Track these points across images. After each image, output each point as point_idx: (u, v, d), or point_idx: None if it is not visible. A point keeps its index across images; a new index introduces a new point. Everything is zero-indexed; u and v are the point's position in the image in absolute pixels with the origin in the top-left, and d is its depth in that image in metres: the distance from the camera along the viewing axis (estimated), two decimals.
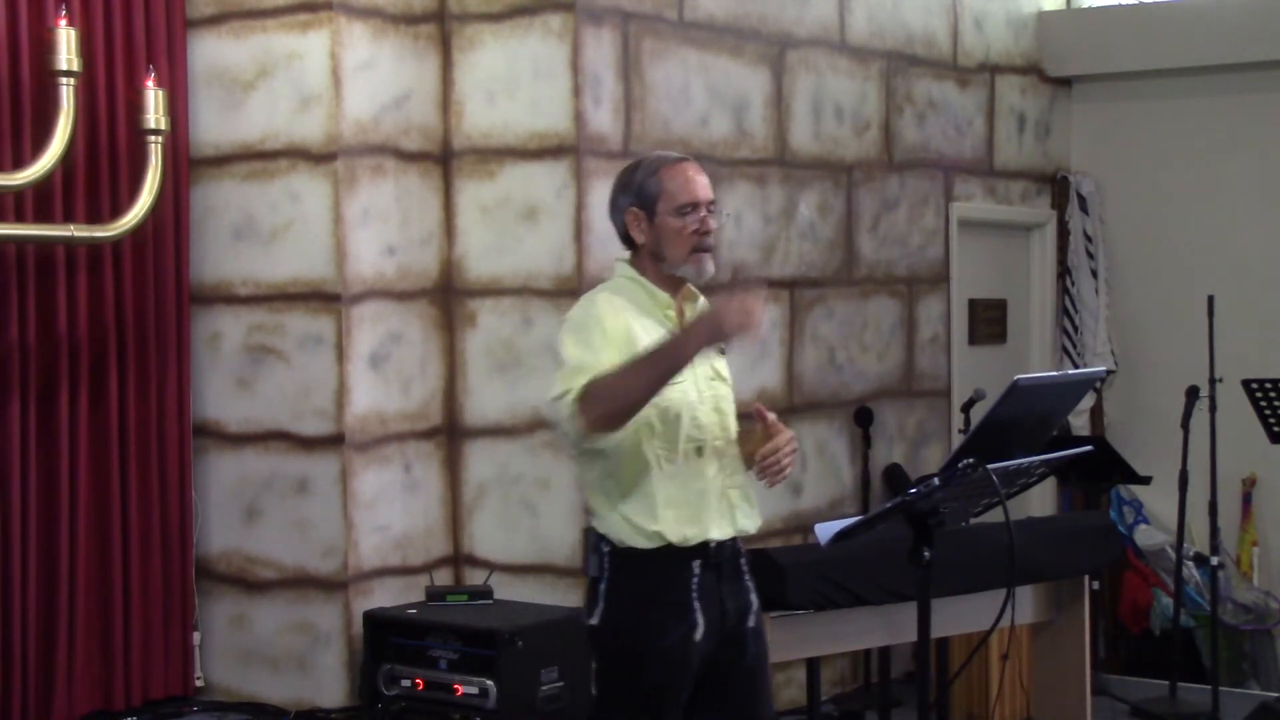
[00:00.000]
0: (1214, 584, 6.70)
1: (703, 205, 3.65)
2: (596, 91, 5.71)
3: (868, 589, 4.99)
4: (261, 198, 5.78)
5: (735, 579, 3.72)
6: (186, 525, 5.81)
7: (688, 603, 3.60)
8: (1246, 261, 7.74)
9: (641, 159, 3.76)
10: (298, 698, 5.73)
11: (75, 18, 5.34)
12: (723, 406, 3.71)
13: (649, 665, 3.61)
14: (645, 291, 3.66)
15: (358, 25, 5.66)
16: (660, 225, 3.64)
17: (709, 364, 3.70)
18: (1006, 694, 6.17)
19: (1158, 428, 7.31)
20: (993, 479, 3.42)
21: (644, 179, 3.66)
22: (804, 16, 6.60)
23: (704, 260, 3.65)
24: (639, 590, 3.62)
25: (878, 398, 6.91)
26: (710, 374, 3.70)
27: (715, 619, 3.64)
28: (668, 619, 3.60)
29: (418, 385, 5.86)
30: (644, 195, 3.65)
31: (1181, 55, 7.84)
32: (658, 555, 3.59)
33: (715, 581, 3.65)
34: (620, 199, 3.70)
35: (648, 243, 3.66)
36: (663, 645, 3.60)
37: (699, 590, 3.61)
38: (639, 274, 3.68)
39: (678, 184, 3.64)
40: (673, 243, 3.63)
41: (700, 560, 3.62)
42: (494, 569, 5.82)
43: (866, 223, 6.96)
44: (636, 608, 3.63)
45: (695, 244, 3.63)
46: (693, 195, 3.64)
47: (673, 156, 3.73)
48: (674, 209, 3.63)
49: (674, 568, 3.60)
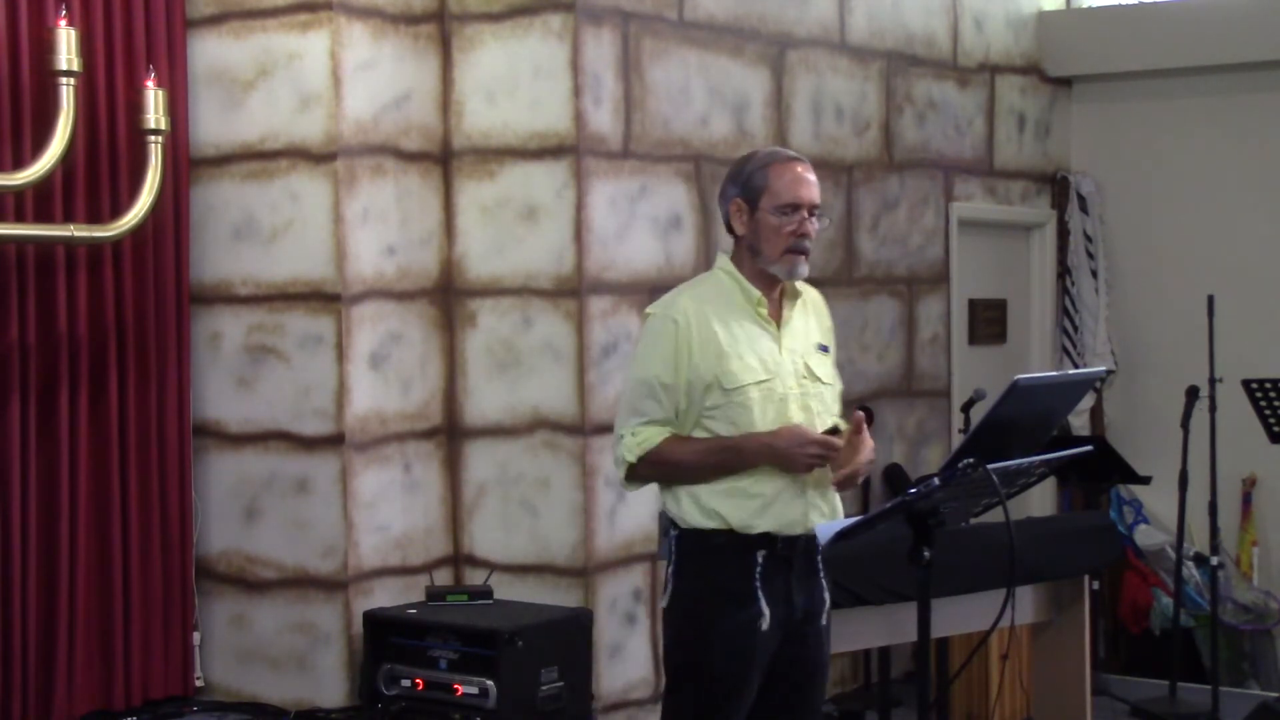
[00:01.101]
0: (1214, 584, 6.70)
1: (805, 208, 3.71)
2: (596, 91, 5.71)
3: (868, 589, 4.99)
4: (261, 198, 5.78)
5: (808, 575, 3.73)
6: (186, 525, 5.81)
7: (751, 590, 3.63)
8: (1246, 261, 7.74)
9: (757, 151, 3.83)
10: (298, 698, 5.73)
11: (75, 18, 5.34)
12: (811, 405, 3.72)
13: (712, 647, 3.65)
14: (739, 287, 3.72)
15: (358, 25, 5.66)
16: (760, 220, 3.70)
17: (803, 362, 3.73)
18: (1006, 694, 6.17)
19: (1158, 428, 7.31)
20: (993, 479, 3.42)
21: (753, 171, 3.72)
22: (804, 16, 6.60)
23: (797, 262, 3.71)
24: (704, 574, 3.67)
25: (878, 398, 6.91)
26: (803, 372, 3.73)
27: (782, 613, 3.66)
28: (730, 604, 3.64)
29: (418, 385, 5.86)
30: (750, 188, 3.71)
31: (1181, 55, 7.84)
32: (722, 540, 3.63)
33: (784, 575, 3.67)
34: (729, 188, 3.77)
35: (746, 235, 3.73)
36: (725, 629, 3.63)
37: (762, 580, 3.64)
38: (736, 268, 3.74)
39: (784, 183, 3.70)
40: (769, 239, 3.69)
41: (765, 551, 3.64)
42: (494, 569, 5.82)
43: (866, 223, 6.96)
44: (701, 591, 3.68)
45: (790, 244, 3.69)
46: (796, 196, 3.70)
47: (786, 154, 3.78)
48: (775, 207, 3.69)
49: (737, 555, 3.64)
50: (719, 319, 3.67)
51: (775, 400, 3.66)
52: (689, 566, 3.70)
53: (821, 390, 3.76)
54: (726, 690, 3.66)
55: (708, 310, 3.68)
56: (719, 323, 3.66)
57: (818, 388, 3.75)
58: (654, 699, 5.86)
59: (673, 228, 5.98)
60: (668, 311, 3.70)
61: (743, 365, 3.65)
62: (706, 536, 3.66)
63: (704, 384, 3.65)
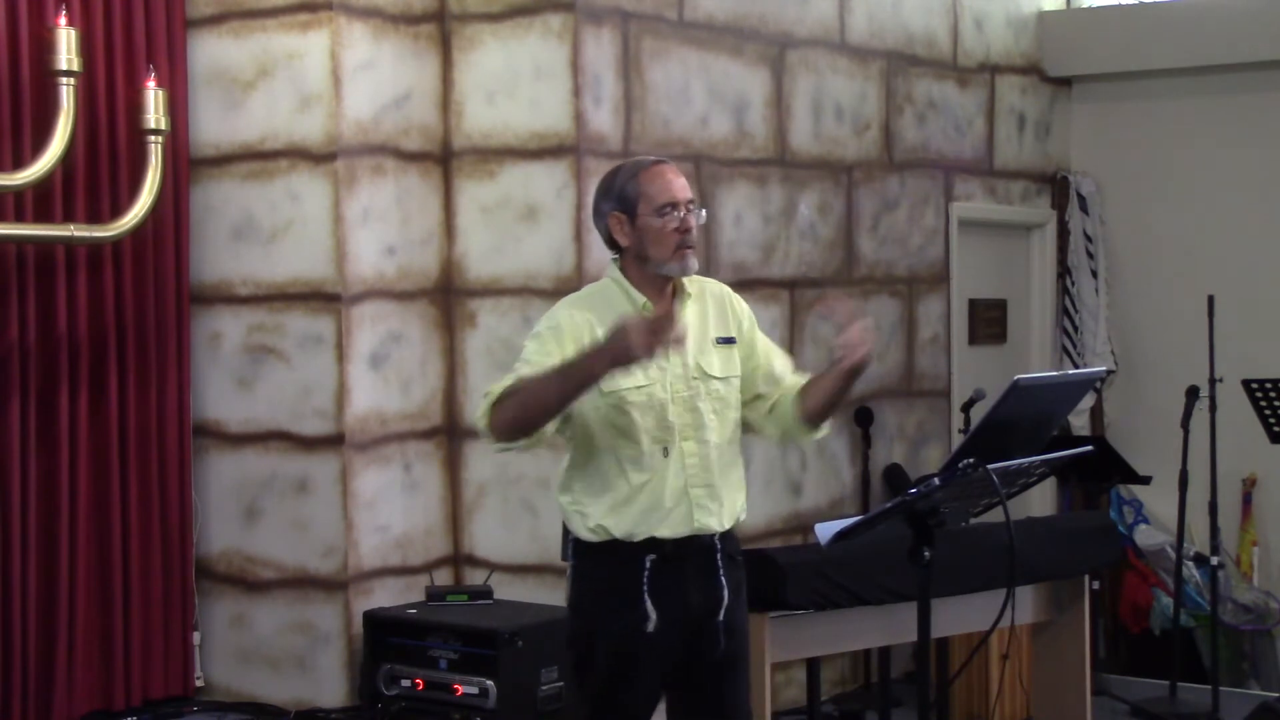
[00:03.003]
0: (1214, 584, 6.70)
1: (682, 204, 3.74)
2: (596, 91, 5.71)
3: (868, 589, 4.99)
4: (261, 198, 5.78)
5: (705, 574, 3.77)
6: (186, 525, 5.81)
7: (638, 594, 3.70)
8: (1246, 261, 7.74)
9: (620, 165, 3.86)
10: (298, 698, 5.73)
11: (75, 18, 5.34)
12: (699, 405, 3.74)
13: (596, 650, 3.75)
14: (623, 294, 3.76)
15: (358, 25, 5.66)
16: (642, 227, 3.73)
17: (694, 362, 3.74)
18: (1006, 694, 6.17)
19: (1158, 428, 7.31)
20: (993, 479, 3.42)
21: (624, 183, 3.77)
22: (804, 16, 6.60)
23: (688, 257, 3.75)
24: (594, 578, 3.78)
25: (878, 398, 6.91)
26: (693, 373, 3.74)
27: (676, 613, 3.72)
28: (618, 607, 3.72)
29: (418, 385, 5.86)
30: (624, 199, 3.75)
31: (1181, 55, 7.84)
32: (608, 547, 3.72)
33: (677, 576, 3.72)
34: (602, 205, 3.80)
35: (632, 245, 3.76)
36: (610, 631, 3.73)
37: (651, 584, 3.70)
38: (622, 275, 3.78)
39: (656, 186, 3.74)
40: (656, 242, 3.73)
41: (654, 555, 3.70)
42: (494, 569, 5.82)
43: (866, 223, 6.96)
44: (591, 594, 3.79)
45: (678, 241, 3.72)
46: (671, 195, 3.73)
47: (649, 160, 3.83)
48: (654, 210, 3.72)
49: (625, 560, 3.71)
50: (599, 325, 3.66)
51: (655, 405, 3.69)
52: (581, 569, 3.80)
53: (716, 387, 3.77)
54: (610, 689, 3.75)
55: (587, 317, 3.70)
56: (599, 328, 3.65)
57: (711, 385, 3.76)
58: None
59: None
60: (546, 323, 3.74)
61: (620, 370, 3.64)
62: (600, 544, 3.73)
63: None
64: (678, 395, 3.72)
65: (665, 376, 3.70)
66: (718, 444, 3.76)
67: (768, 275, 6.35)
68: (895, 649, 6.12)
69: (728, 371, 3.80)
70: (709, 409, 3.76)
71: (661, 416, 3.69)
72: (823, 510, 6.55)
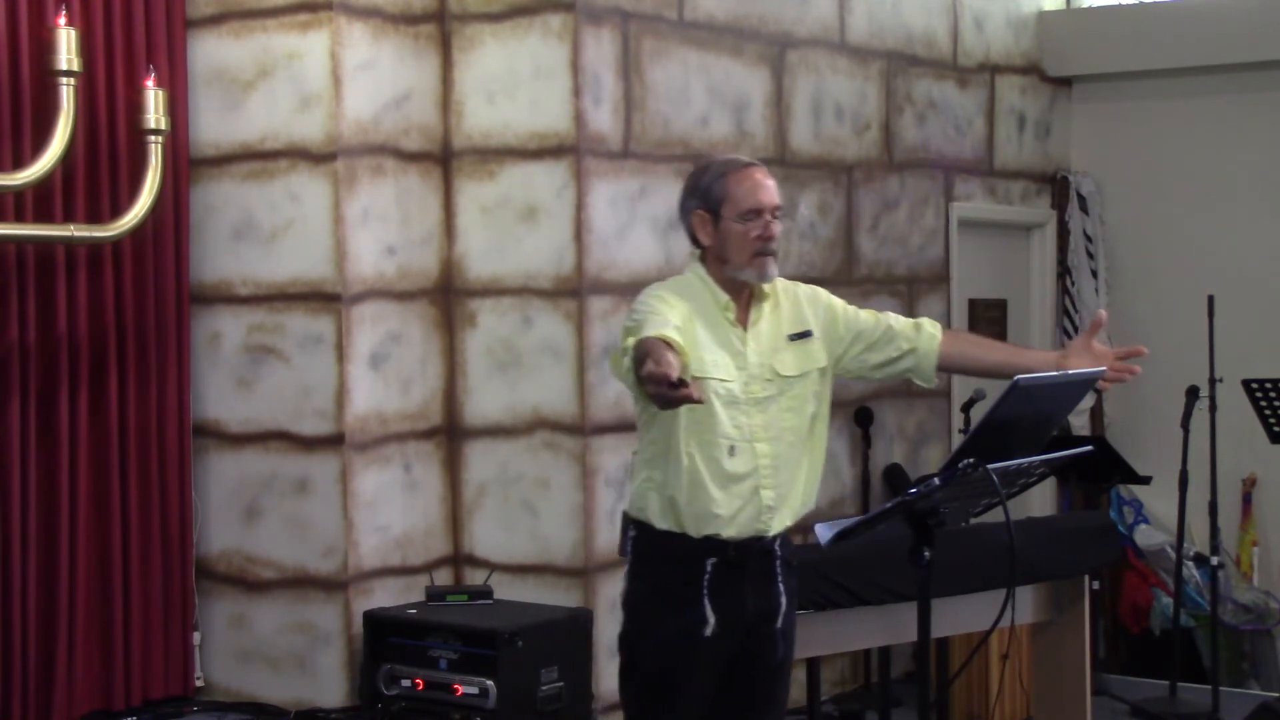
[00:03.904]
0: (1214, 584, 6.70)
1: (766, 211, 3.71)
2: (596, 91, 5.71)
3: (868, 589, 4.99)
4: (261, 198, 5.78)
5: (764, 579, 3.75)
6: (186, 525, 5.81)
7: (696, 597, 3.66)
8: (1246, 261, 7.75)
9: (711, 161, 3.83)
10: (298, 698, 5.73)
11: (75, 18, 5.34)
12: (773, 406, 3.72)
13: (648, 650, 3.71)
14: (708, 291, 3.73)
15: (358, 25, 5.66)
16: (724, 229, 3.71)
17: (768, 364, 3.73)
18: (1006, 694, 6.18)
19: (1158, 428, 7.31)
20: (993, 479, 3.42)
21: (710, 183, 3.73)
22: (804, 16, 6.60)
23: (767, 264, 3.72)
24: (653, 576, 3.72)
25: (878, 398, 6.91)
26: (767, 375, 3.73)
27: (734, 616, 3.69)
28: (674, 608, 3.67)
29: (418, 385, 5.86)
30: (710, 199, 3.72)
31: (1181, 55, 7.84)
32: (673, 545, 3.66)
33: (737, 579, 3.69)
34: (688, 201, 3.78)
35: (713, 245, 3.74)
36: (664, 633, 3.68)
37: (711, 586, 3.67)
38: (706, 273, 3.75)
39: (743, 190, 3.70)
40: (736, 247, 3.70)
41: (715, 558, 3.67)
42: (494, 569, 5.82)
43: (866, 223, 6.96)
44: (648, 593, 3.73)
45: (757, 249, 3.69)
46: (756, 201, 3.70)
47: (741, 161, 3.79)
48: (738, 214, 3.70)
49: (687, 560, 3.67)
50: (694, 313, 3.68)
51: (729, 402, 3.68)
52: (641, 567, 3.76)
53: (791, 384, 3.76)
54: (664, 691, 3.71)
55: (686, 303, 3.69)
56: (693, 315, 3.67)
57: (783, 384, 3.75)
58: None
59: (673, 228, 5.95)
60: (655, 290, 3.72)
61: (702, 360, 3.66)
62: (660, 540, 3.69)
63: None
64: (751, 396, 3.70)
65: (740, 378, 3.69)
66: (791, 443, 3.74)
67: None
68: (895, 649, 6.12)
69: (803, 367, 3.78)
70: (783, 408, 3.74)
71: (734, 414, 3.67)
72: (823, 510, 6.53)
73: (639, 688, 3.76)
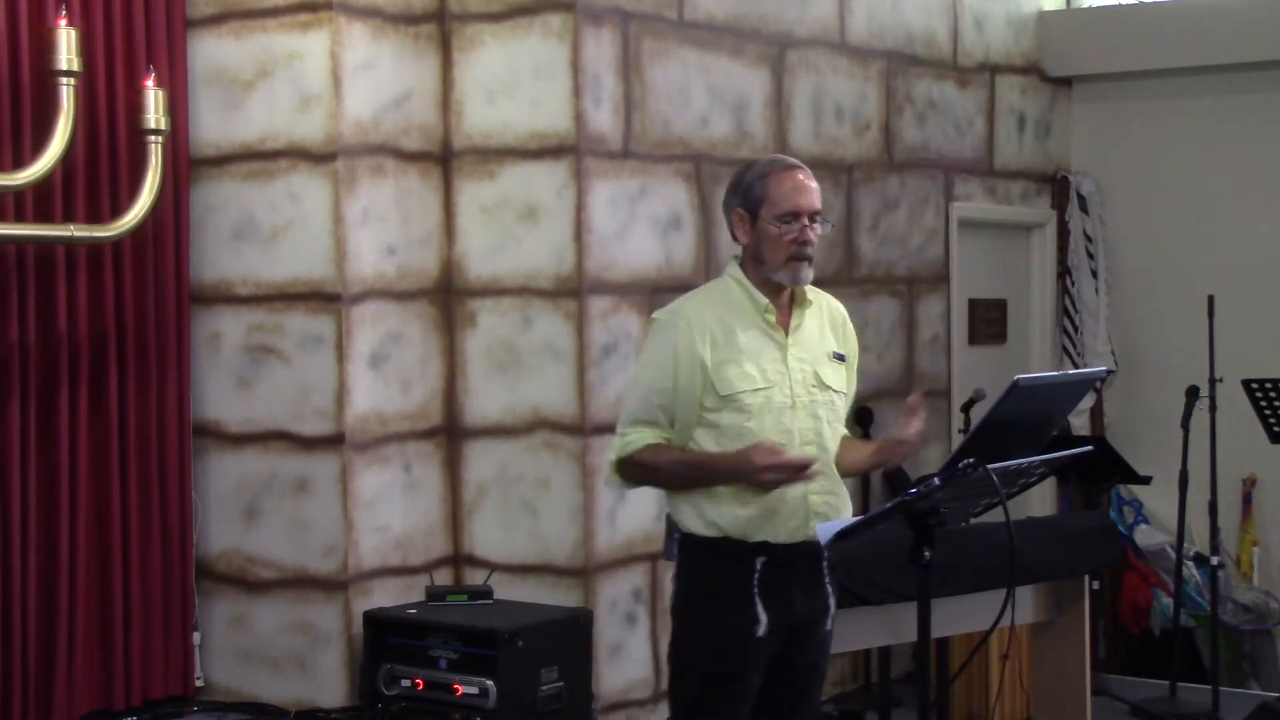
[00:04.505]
0: (1214, 584, 6.70)
1: (804, 215, 3.72)
2: (596, 91, 5.71)
3: (868, 589, 4.99)
4: (261, 198, 5.78)
5: (812, 581, 3.77)
6: (186, 525, 5.80)
7: (748, 596, 3.67)
8: (1246, 261, 7.75)
9: (756, 160, 3.85)
10: (298, 698, 5.73)
11: (75, 18, 5.34)
12: (820, 413, 3.74)
13: (704, 650, 3.70)
14: (747, 295, 3.74)
15: (358, 25, 5.66)
16: (761, 230, 3.72)
17: (812, 370, 3.74)
18: (1006, 694, 6.18)
19: (1158, 428, 7.31)
20: (993, 479, 3.42)
21: (752, 181, 3.75)
22: (804, 16, 6.60)
23: (800, 268, 3.73)
24: (703, 577, 3.72)
25: (878, 398, 6.91)
26: (812, 381, 3.74)
27: (782, 617, 3.70)
28: (727, 607, 3.68)
29: (418, 385, 5.86)
30: (750, 198, 3.74)
31: (1181, 55, 7.84)
32: (720, 546, 3.67)
33: (785, 580, 3.69)
34: (730, 198, 3.80)
35: (750, 244, 3.75)
36: (719, 632, 3.68)
37: (760, 586, 3.67)
38: (744, 275, 3.77)
39: (783, 191, 3.72)
40: (771, 248, 3.71)
41: (765, 558, 3.67)
42: (494, 569, 5.82)
43: (866, 223, 6.96)
44: (699, 593, 3.73)
45: (792, 252, 3.71)
46: (795, 205, 3.71)
47: (786, 162, 3.80)
48: (775, 216, 3.71)
49: (736, 560, 3.67)
50: (723, 325, 3.70)
51: (774, 409, 3.68)
52: (690, 569, 3.75)
53: (832, 398, 3.78)
54: (718, 692, 3.71)
55: (712, 316, 3.71)
56: (722, 329, 3.69)
57: (828, 395, 3.77)
58: (654, 699, 5.86)
59: (673, 228, 5.98)
60: (671, 317, 3.75)
61: (740, 373, 3.68)
62: (707, 541, 3.70)
63: (701, 387, 3.68)
64: (799, 400, 3.71)
65: (786, 380, 3.70)
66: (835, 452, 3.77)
67: None
68: (895, 649, 6.12)
69: (840, 385, 3.82)
70: (825, 418, 3.75)
71: (779, 420, 3.67)
72: None
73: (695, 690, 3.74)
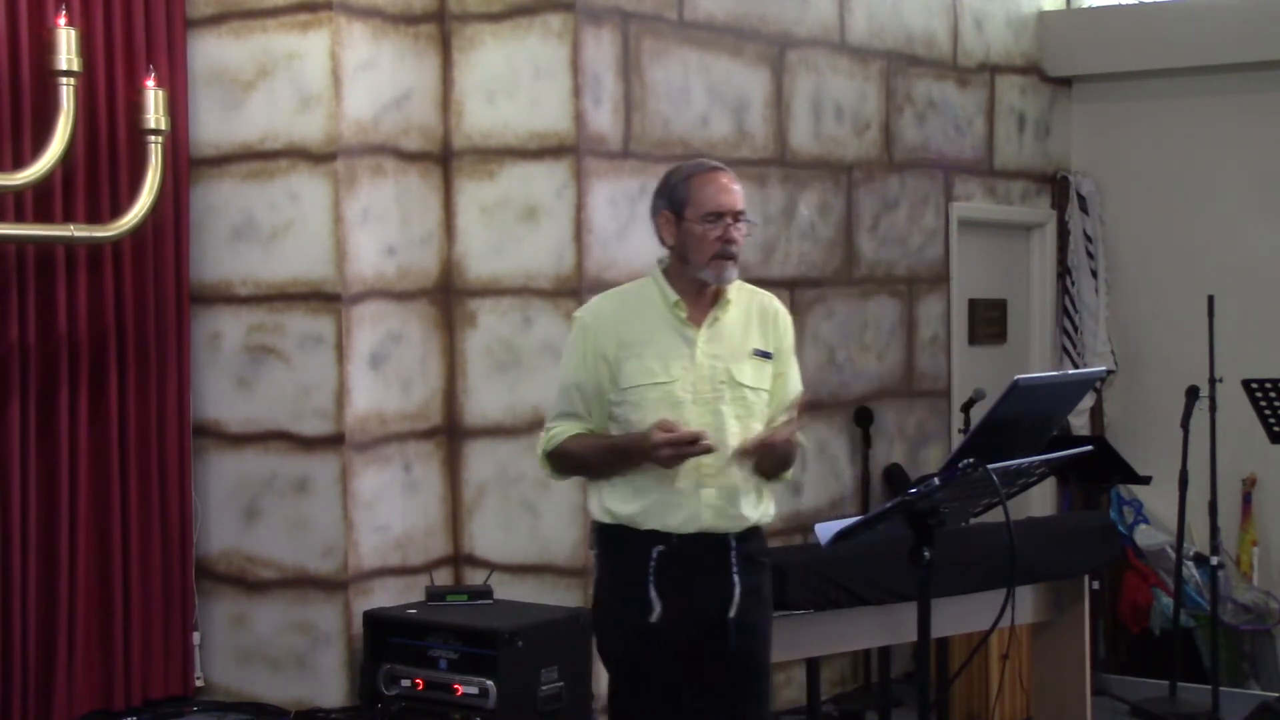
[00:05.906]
0: (1214, 584, 6.70)
1: (728, 215, 3.80)
2: (596, 91, 5.71)
3: (868, 589, 4.99)
4: (261, 198, 5.78)
5: (717, 571, 3.82)
6: (186, 525, 5.81)
7: (642, 583, 3.78)
8: (1246, 261, 7.74)
9: (682, 164, 3.95)
10: (298, 698, 5.73)
11: (75, 18, 5.34)
12: (723, 409, 3.79)
13: (610, 634, 3.90)
14: (658, 291, 3.85)
15: (358, 25, 5.66)
16: (687, 230, 3.82)
17: (723, 366, 3.80)
18: (1006, 694, 6.17)
19: (1158, 428, 7.31)
20: (993, 479, 3.42)
21: (677, 184, 3.86)
22: (804, 16, 6.60)
23: (725, 267, 3.82)
24: (608, 564, 3.90)
25: (878, 398, 6.91)
26: (722, 378, 3.80)
27: (683, 606, 3.78)
28: (623, 594, 3.82)
29: (418, 385, 5.86)
30: (675, 200, 3.84)
31: (1181, 55, 7.84)
32: (620, 534, 3.82)
33: (686, 570, 3.78)
34: (656, 201, 3.91)
35: (676, 245, 3.85)
36: (617, 618, 3.85)
37: (656, 574, 3.78)
38: (666, 274, 3.88)
39: (706, 193, 3.81)
40: (696, 247, 3.81)
41: (662, 546, 3.78)
42: (494, 569, 5.82)
43: (866, 223, 6.96)
44: (606, 581, 3.92)
45: (717, 250, 3.80)
46: (718, 204, 3.81)
47: (708, 165, 3.91)
48: (700, 216, 3.80)
49: (635, 548, 3.80)
50: (629, 320, 3.84)
51: (672, 403, 3.76)
52: (599, 556, 3.93)
53: (744, 394, 3.83)
54: (629, 678, 3.85)
55: (623, 312, 3.86)
56: (627, 324, 3.83)
57: (738, 392, 3.82)
58: None
59: None
60: (583, 314, 3.93)
61: (639, 367, 3.79)
62: (613, 530, 3.84)
63: (606, 381, 3.82)
64: (700, 396, 3.79)
65: (688, 376, 3.78)
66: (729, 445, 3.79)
67: (768, 275, 6.34)
68: (895, 649, 6.12)
69: (758, 383, 3.86)
70: (731, 414, 3.80)
71: (679, 414, 3.74)
72: (823, 510, 6.55)
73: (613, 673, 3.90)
